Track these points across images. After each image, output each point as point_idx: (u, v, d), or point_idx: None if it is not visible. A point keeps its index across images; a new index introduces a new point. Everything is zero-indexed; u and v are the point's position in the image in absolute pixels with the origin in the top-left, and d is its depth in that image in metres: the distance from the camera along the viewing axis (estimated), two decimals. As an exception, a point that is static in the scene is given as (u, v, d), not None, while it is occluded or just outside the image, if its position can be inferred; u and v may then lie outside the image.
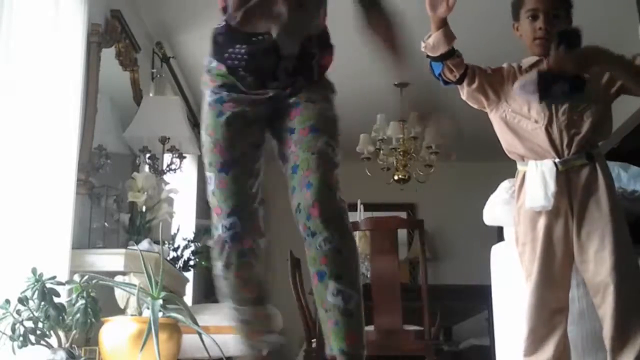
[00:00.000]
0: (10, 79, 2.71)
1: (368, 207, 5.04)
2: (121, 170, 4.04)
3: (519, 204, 2.18)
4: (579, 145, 2.11)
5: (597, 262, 2.03)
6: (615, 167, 2.68)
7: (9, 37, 2.67)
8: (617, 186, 2.43)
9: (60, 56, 3.08)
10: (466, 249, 6.84)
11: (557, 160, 2.09)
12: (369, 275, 4.05)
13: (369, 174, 5.39)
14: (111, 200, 3.84)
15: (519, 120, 2.17)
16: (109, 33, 3.76)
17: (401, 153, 5.30)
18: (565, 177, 2.09)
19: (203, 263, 3.54)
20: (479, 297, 3.78)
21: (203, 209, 6.96)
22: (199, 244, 3.55)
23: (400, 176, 5.32)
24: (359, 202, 4.81)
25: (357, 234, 4.50)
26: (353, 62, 5.27)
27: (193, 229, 5.21)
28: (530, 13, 2.18)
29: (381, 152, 5.38)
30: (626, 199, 2.44)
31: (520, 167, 2.21)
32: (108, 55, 3.75)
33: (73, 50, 3.22)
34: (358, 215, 4.69)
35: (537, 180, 2.08)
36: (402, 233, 6.43)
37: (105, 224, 3.73)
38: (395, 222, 3.75)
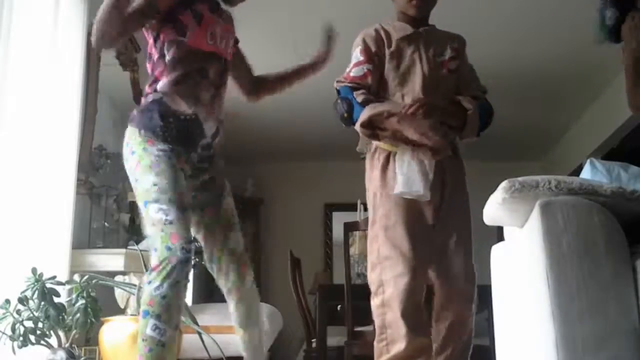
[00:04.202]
0: (10, 78, 2.71)
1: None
2: (121, 170, 4.04)
3: (382, 184, 2.07)
4: None
5: (456, 263, 2.03)
6: (615, 167, 2.67)
7: (9, 38, 2.67)
8: (617, 186, 2.42)
9: (60, 56, 3.08)
10: (466, 248, 6.82)
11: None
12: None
13: (369, 173, 5.38)
14: (111, 200, 3.84)
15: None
16: (109, 33, 3.76)
17: (401, 153, 5.29)
18: (439, 166, 2.04)
19: (203, 263, 3.54)
20: (479, 297, 3.76)
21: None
22: (198, 243, 3.54)
23: (400, 176, 5.31)
24: (359, 202, 4.80)
25: (357, 234, 4.49)
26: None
27: (193, 229, 5.20)
28: None
29: (381, 152, 5.36)
30: (626, 199, 2.41)
31: (385, 146, 2.08)
32: (108, 55, 3.75)
33: (73, 50, 3.22)
34: (358, 215, 4.68)
35: (414, 167, 2.00)
36: (402, 233, 6.39)
37: (105, 224, 3.74)
38: (395, 222, 3.72)
